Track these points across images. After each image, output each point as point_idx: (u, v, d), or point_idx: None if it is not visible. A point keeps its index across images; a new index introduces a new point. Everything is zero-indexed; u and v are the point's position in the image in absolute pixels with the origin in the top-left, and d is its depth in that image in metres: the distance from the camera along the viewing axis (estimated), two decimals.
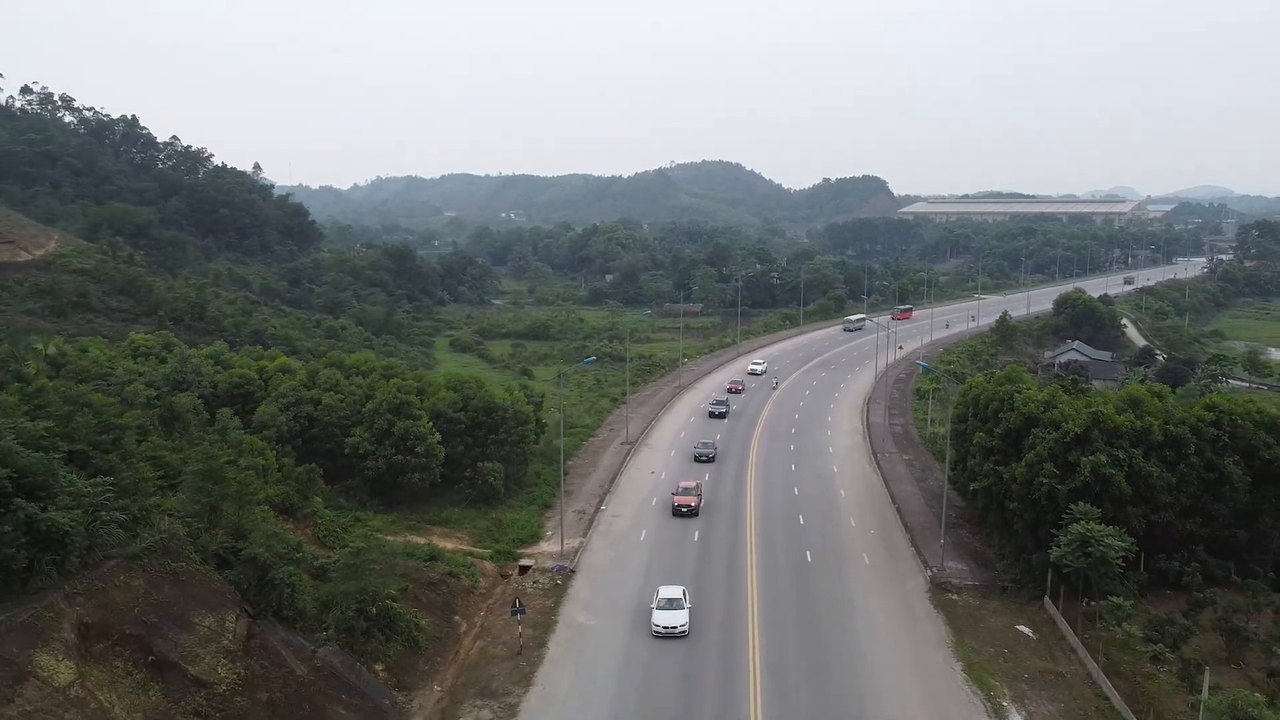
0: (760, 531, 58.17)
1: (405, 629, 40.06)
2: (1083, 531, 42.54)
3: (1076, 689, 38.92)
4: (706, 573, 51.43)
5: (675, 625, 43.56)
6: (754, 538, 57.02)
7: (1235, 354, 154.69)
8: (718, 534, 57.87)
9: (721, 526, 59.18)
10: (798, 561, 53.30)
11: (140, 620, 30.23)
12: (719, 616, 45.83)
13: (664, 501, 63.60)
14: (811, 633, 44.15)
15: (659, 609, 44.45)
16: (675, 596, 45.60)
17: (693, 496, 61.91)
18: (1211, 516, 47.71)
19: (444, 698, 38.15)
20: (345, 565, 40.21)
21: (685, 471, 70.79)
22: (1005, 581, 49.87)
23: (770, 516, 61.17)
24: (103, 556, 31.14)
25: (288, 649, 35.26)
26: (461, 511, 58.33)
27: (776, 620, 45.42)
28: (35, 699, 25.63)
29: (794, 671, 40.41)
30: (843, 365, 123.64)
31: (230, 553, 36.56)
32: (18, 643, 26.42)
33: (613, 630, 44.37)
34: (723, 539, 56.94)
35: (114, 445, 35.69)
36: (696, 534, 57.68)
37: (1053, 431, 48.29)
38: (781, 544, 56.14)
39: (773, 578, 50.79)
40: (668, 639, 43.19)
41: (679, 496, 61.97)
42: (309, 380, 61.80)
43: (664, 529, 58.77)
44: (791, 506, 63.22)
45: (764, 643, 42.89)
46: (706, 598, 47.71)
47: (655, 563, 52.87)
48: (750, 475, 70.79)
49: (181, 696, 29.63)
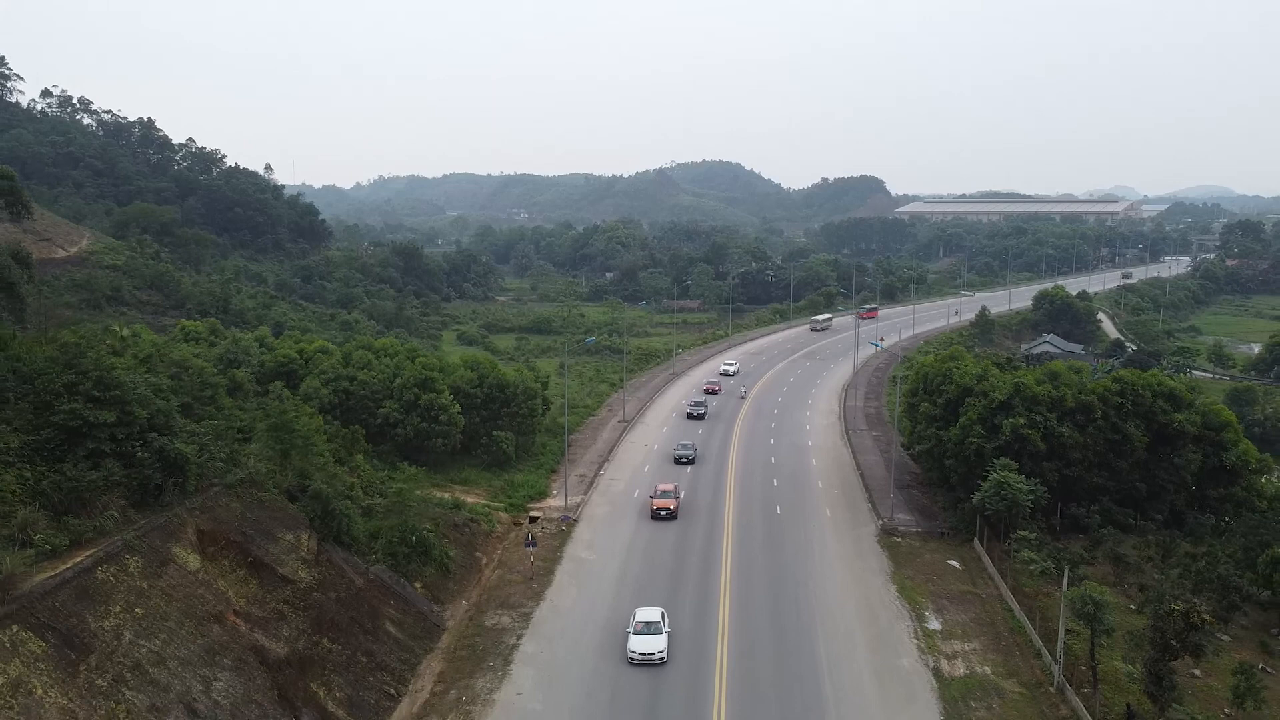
0: (739, 488, 66.98)
1: (438, 556, 48.74)
2: (999, 479, 51.26)
3: (988, 604, 47.65)
4: (691, 519, 60.18)
5: (652, 652, 40.30)
6: (733, 493, 65.83)
7: (1202, 347, 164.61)
8: (702, 491, 66.59)
9: (706, 487, 67.85)
10: (769, 513, 62.05)
11: (240, 531, 38.85)
12: (699, 550, 54.59)
13: (655, 469, 72.30)
14: (775, 560, 52.99)
15: (635, 634, 41.53)
16: (653, 620, 42.48)
17: (671, 499, 61.10)
18: (1115, 471, 56.46)
19: (471, 609, 46.94)
20: (389, 504, 49.02)
21: (676, 444, 77.73)
22: (944, 528, 58.59)
23: (749, 477, 69.94)
24: (209, 484, 39.77)
25: (347, 564, 43.94)
26: (478, 473, 67.11)
27: (747, 550, 54.33)
28: (175, 578, 34.28)
29: (758, 580, 49.59)
30: (827, 356, 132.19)
31: (298, 490, 45.21)
32: (159, 538, 35.03)
33: (610, 563, 53.11)
34: (706, 495, 65.64)
35: (210, 400, 44.42)
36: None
37: (982, 399, 57.08)
38: (758, 499, 64.95)
39: (747, 522, 59.76)
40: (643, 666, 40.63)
41: (657, 500, 61.02)
42: (344, 360, 70.54)
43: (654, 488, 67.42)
44: (768, 472, 71.95)
45: (735, 564, 52.06)
46: (689, 538, 56.48)
47: (646, 516, 61.45)
48: (733, 445, 79.46)
49: (274, 589, 38.28)
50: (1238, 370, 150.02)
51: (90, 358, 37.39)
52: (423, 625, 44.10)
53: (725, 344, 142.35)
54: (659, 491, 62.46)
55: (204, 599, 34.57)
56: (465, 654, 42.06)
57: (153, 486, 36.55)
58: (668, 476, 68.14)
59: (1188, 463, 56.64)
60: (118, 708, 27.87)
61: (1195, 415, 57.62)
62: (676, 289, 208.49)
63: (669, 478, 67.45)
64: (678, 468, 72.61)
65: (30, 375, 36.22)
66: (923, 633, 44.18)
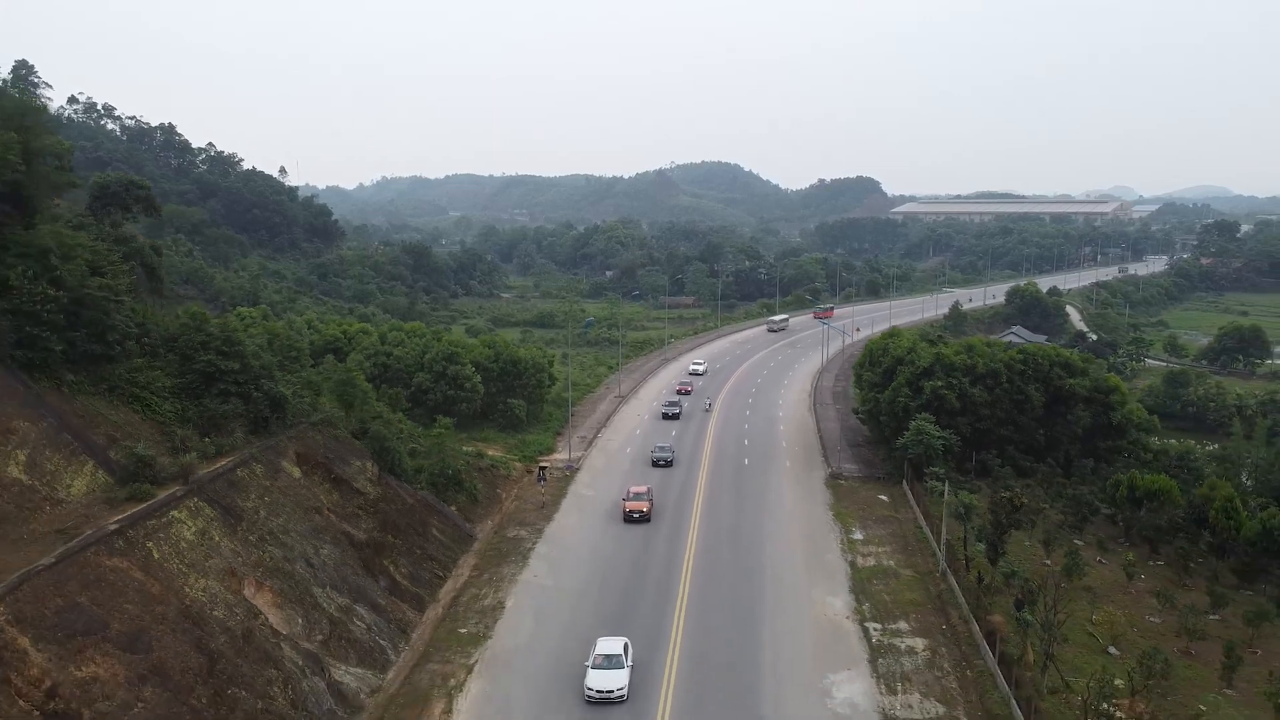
0: (715, 448, 79.62)
1: (469, 487, 61.38)
2: (918, 427, 63.88)
3: (903, 524, 60.23)
4: (676, 469, 72.81)
5: (611, 690, 36.86)
6: (709, 451, 78.49)
7: (1159, 338, 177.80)
8: (685, 446, 79.24)
9: (688, 444, 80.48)
10: (739, 465, 74.69)
11: (324, 455, 51.41)
12: (677, 489, 67.34)
13: (646, 432, 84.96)
14: (739, 495, 65.74)
15: (594, 668, 37.99)
16: (615, 653, 38.70)
17: (644, 501, 61.14)
18: (1019, 425, 69.12)
19: (495, 526, 59.62)
20: (430, 446, 61.69)
21: (654, 446, 77.70)
22: (880, 473, 71.23)
23: (724, 441, 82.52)
24: (299, 420, 52.31)
25: (400, 488, 56.52)
26: (496, 433, 79.73)
27: (717, 487, 67.43)
28: (286, 481, 46.86)
29: (725, 507, 62.64)
30: (807, 345, 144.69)
31: (360, 432, 57.77)
32: (271, 454, 47.55)
33: (605, 497, 65.77)
34: (688, 450, 78.27)
35: (295, 361, 57.09)
36: (674, 429, 79.03)
37: (910, 367, 69.75)
38: (730, 455, 77.56)
39: (720, 470, 72.47)
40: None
41: (630, 502, 61.05)
42: (380, 339, 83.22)
43: (644, 448, 80.00)
44: (741, 436, 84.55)
45: (706, 496, 64.96)
46: (671, 483, 69.13)
47: (636, 468, 73.95)
48: (715, 417, 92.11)
49: (351, 497, 50.86)
50: (1190, 359, 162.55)
51: (216, 323, 50.05)
52: (459, 535, 56.78)
53: (715, 334, 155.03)
54: (631, 494, 62.25)
55: (306, 497, 47.25)
56: (493, 553, 54.76)
57: (262, 418, 49.14)
58: (656, 441, 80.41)
59: (1079, 419, 69.25)
60: (264, 555, 40.49)
61: (1086, 380, 70.23)
62: (673, 286, 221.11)
63: (647, 478, 69.06)
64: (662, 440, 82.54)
65: (174, 336, 48.80)
66: (847, 541, 56.82)
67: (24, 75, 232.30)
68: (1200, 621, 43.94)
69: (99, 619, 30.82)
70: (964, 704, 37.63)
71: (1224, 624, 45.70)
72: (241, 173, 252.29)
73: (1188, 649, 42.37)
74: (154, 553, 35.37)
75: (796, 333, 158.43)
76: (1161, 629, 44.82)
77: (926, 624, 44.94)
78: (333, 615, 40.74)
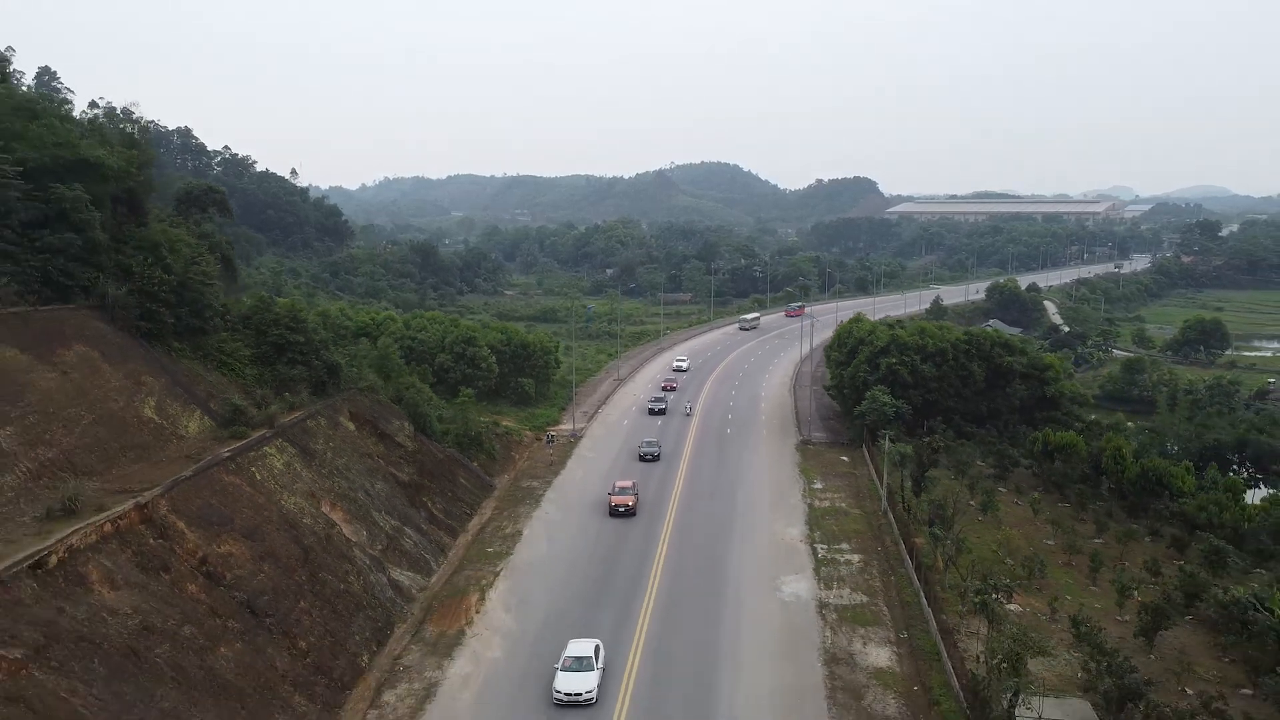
0: (701, 420, 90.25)
1: (488, 447, 71.98)
2: (873, 396, 74.45)
3: (859, 478, 70.77)
4: (667, 431, 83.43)
5: (579, 693, 36.70)
6: (697, 420, 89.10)
7: (1128, 330, 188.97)
8: (674, 419, 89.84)
9: (677, 416, 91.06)
10: (721, 432, 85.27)
11: (371, 415, 61.94)
12: (671, 443, 77.87)
13: (641, 408, 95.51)
14: (720, 456, 76.28)
15: (562, 670, 37.84)
16: (585, 655, 38.57)
17: (630, 496, 61.85)
18: (963, 397, 79.68)
19: (511, 479, 70.28)
20: (454, 413, 72.27)
21: (642, 441, 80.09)
22: (844, 439, 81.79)
23: (710, 415, 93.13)
24: (350, 386, 62.84)
25: (432, 445, 67.07)
26: (508, 408, 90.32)
27: (702, 450, 77.84)
28: (344, 431, 57.41)
29: (708, 464, 73.11)
30: (794, 336, 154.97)
31: (396, 399, 68.31)
32: (330, 411, 58.06)
33: (605, 458, 76.38)
34: (677, 422, 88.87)
35: (340, 339, 67.65)
36: (659, 421, 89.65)
37: (869, 346, 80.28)
38: (715, 425, 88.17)
39: (706, 438, 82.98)
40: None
41: (616, 496, 61.87)
42: (406, 325, 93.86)
43: (639, 422, 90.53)
44: (726, 410, 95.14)
45: (691, 456, 75.48)
46: (665, 439, 79.65)
47: (633, 436, 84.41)
48: (702, 394, 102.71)
49: (393, 449, 61.40)
50: (1155, 350, 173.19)
51: (281, 305, 60.69)
52: (481, 484, 67.42)
53: (708, 326, 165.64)
54: (618, 488, 63.36)
55: (359, 445, 57.87)
56: (510, 498, 65.46)
57: (321, 382, 59.71)
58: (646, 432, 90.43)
59: (1016, 391, 79.77)
60: (334, 484, 51.08)
61: (1024, 359, 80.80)
62: (670, 283, 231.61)
63: (632, 473, 70.37)
64: (651, 419, 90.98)
65: (248, 315, 59.37)
66: (809, 489, 67.40)
67: (47, 81, 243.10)
68: (1082, 543, 54.49)
69: (227, 515, 41.38)
70: (884, 596, 48.17)
71: (1104, 545, 56.19)
72: (256, 174, 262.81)
73: (1069, 561, 52.84)
74: (256, 475, 45.95)
75: (785, 325, 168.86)
76: (1053, 549, 55.30)
77: (864, 545, 55.52)
78: (388, 532, 51.36)
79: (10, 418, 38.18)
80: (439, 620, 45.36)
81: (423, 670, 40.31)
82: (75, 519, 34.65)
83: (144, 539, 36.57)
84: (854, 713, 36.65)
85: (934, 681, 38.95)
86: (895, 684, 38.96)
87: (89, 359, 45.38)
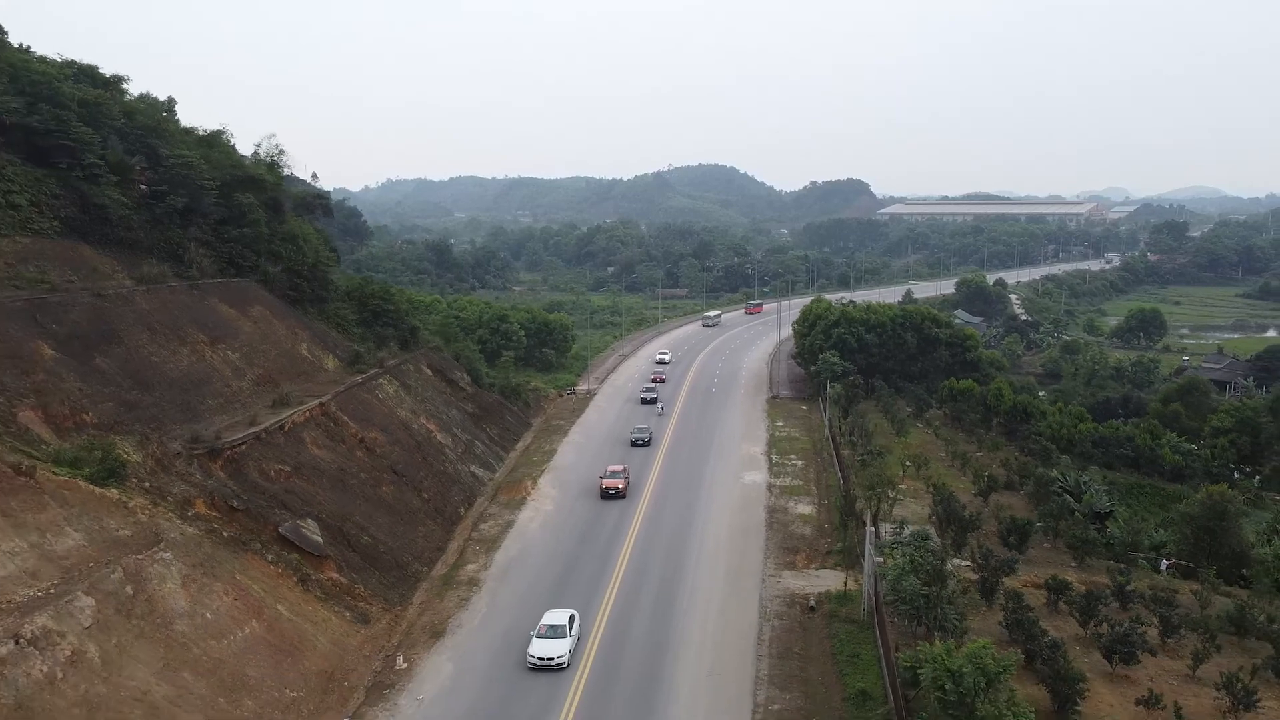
0: (692, 383, 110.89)
1: (525, 396, 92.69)
2: (824, 358, 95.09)
3: (811, 420, 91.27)
4: (663, 391, 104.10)
5: (551, 657, 39.49)
6: (688, 384, 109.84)
7: (1081, 320, 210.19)
8: (670, 382, 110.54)
9: (672, 382, 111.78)
10: (708, 391, 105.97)
11: (440, 366, 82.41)
12: (668, 396, 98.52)
13: (643, 375, 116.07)
14: (705, 407, 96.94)
15: (538, 636, 40.68)
16: (559, 623, 41.28)
17: (620, 479, 65.20)
18: (899, 360, 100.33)
19: (543, 421, 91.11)
20: (499, 370, 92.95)
21: (633, 428, 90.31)
22: (804, 395, 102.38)
23: (699, 381, 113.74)
24: (424, 345, 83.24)
25: (483, 392, 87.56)
26: (535, 373, 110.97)
27: (690, 400, 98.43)
28: (425, 376, 77.89)
29: (694, 416, 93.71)
30: (781, 322, 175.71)
31: (455, 356, 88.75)
32: (413, 362, 78.49)
33: (615, 407, 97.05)
34: (672, 383, 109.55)
35: (415, 309, 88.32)
36: (658, 390, 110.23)
37: (824, 320, 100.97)
38: (702, 387, 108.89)
39: (694, 393, 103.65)
40: None
41: (607, 480, 65.17)
42: (449, 305, 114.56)
43: (640, 388, 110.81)
44: (713, 376, 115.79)
45: (681, 409, 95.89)
46: (662, 393, 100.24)
47: (635, 393, 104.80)
48: (691, 370, 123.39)
49: (457, 391, 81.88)
50: (1102, 336, 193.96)
51: (376, 282, 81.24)
52: (522, 421, 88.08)
53: (699, 316, 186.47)
54: (609, 472, 66.65)
55: (436, 386, 78.50)
56: (544, 431, 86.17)
57: (405, 340, 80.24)
58: (639, 418, 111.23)
59: (940, 356, 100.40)
60: (426, 406, 71.62)
61: (948, 330, 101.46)
62: (668, 280, 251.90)
63: (622, 459, 73.75)
64: (644, 407, 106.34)
65: (349, 290, 79.81)
66: (772, 425, 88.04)
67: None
68: (963, 451, 75.21)
69: (367, 416, 61.89)
70: (816, 483, 68.76)
71: (982, 456, 76.93)
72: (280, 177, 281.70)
73: (951, 463, 73.55)
74: (379, 395, 66.50)
75: (772, 315, 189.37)
76: (943, 459, 76.01)
77: (806, 456, 76.20)
78: (464, 441, 71.99)
79: (236, 346, 58.80)
80: (506, 493, 66.12)
81: (501, 515, 61.11)
82: (288, 407, 55.16)
83: (326, 424, 57.15)
84: (781, 531, 57.34)
85: (836, 521, 59.56)
86: (810, 520, 59.73)
87: (264, 315, 65.94)
